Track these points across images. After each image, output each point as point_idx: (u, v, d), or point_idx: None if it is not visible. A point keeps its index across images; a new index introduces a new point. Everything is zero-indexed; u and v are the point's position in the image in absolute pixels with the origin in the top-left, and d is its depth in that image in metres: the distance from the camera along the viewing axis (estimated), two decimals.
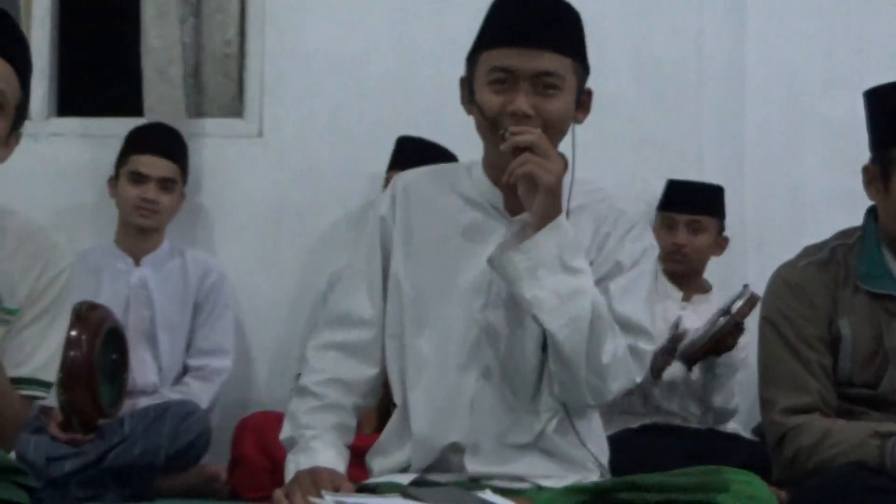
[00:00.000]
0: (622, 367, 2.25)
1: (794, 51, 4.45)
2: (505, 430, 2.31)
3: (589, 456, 2.35)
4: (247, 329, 4.36)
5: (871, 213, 2.73)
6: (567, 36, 2.30)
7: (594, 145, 4.27)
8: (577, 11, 2.33)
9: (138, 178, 4.08)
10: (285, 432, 2.35)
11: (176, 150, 4.17)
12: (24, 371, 2.27)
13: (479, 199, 2.37)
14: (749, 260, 4.38)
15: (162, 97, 4.29)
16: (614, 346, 2.23)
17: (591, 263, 2.28)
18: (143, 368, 4.02)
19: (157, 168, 4.09)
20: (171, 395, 4.00)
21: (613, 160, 4.27)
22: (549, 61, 2.26)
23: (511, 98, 2.26)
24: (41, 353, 2.30)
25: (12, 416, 2.23)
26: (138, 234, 4.13)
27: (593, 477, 2.34)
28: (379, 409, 3.46)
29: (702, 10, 4.34)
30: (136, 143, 4.14)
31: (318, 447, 2.27)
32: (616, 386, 2.25)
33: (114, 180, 4.16)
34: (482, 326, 2.31)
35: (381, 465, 2.36)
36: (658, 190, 4.23)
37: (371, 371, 2.38)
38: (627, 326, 2.28)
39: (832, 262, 2.70)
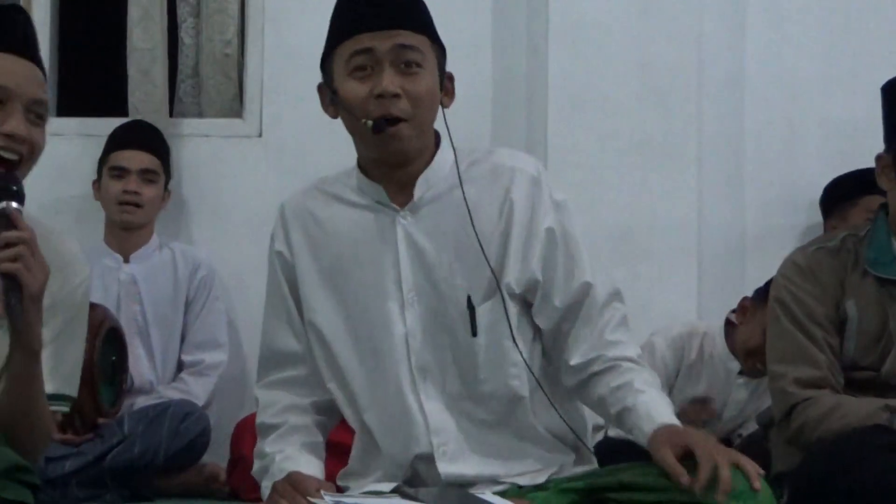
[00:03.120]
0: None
1: (794, 51, 4.46)
2: (463, 416, 2.27)
3: (567, 432, 2.30)
4: (245, 329, 4.34)
5: (883, 206, 2.82)
6: (419, 15, 2.29)
7: (595, 146, 4.35)
8: None
9: (119, 173, 4.10)
10: (255, 467, 2.32)
11: (155, 144, 4.19)
12: (51, 387, 2.20)
13: (363, 200, 2.33)
14: (748, 260, 4.37)
15: (145, 97, 4.31)
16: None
17: (504, 231, 2.26)
18: (138, 365, 4.02)
19: (137, 161, 4.11)
20: (169, 393, 4.00)
21: (613, 160, 4.27)
22: (408, 37, 2.24)
23: (376, 82, 2.23)
24: (65, 367, 2.24)
25: (48, 432, 2.20)
26: (125, 232, 4.14)
27: (570, 459, 2.30)
28: None
29: (702, 12, 4.34)
30: (115, 141, 4.17)
31: (289, 466, 2.24)
32: None
33: (97, 182, 4.19)
34: (406, 329, 2.27)
35: (357, 484, 2.31)
36: (657, 190, 4.23)
37: (323, 396, 2.35)
38: (618, 296, 2.32)
39: (843, 249, 2.79)
